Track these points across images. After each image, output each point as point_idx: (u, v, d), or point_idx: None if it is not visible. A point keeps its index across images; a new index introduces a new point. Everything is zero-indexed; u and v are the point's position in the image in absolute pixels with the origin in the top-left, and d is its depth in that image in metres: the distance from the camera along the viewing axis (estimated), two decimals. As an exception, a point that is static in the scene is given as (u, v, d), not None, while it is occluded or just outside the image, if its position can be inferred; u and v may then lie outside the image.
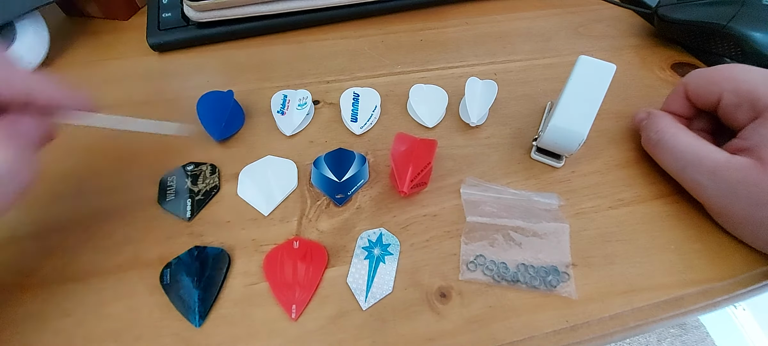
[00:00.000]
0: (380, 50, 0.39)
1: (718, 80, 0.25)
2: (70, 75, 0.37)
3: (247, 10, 0.38)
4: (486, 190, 0.27)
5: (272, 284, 0.23)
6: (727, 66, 0.25)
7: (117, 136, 0.31)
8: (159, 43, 0.38)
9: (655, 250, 0.24)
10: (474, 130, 0.31)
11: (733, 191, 0.22)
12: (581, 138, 0.25)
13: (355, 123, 0.31)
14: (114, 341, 0.21)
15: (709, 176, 0.23)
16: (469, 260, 0.24)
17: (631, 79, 0.35)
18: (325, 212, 0.26)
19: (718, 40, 0.33)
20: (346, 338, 0.21)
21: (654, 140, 0.26)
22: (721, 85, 0.24)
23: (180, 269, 0.23)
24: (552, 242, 0.24)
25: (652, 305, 0.22)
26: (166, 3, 0.41)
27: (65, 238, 0.25)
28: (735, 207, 0.22)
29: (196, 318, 0.22)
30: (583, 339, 0.21)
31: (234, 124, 0.31)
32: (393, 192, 0.27)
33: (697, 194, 0.24)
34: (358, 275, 0.23)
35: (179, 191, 0.27)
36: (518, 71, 0.36)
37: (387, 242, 0.25)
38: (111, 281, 0.23)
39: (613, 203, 0.27)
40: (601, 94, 0.25)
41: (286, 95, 0.33)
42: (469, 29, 0.41)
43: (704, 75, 0.26)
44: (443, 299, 0.22)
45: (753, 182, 0.21)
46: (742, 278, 0.23)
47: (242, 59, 0.38)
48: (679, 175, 0.25)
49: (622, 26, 0.41)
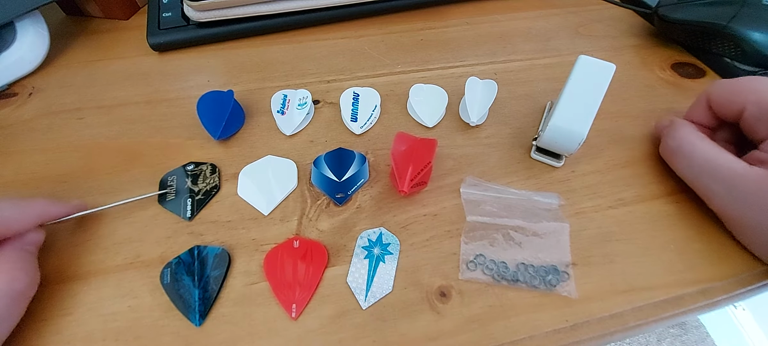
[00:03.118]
0: (380, 50, 0.39)
1: (741, 92, 0.24)
2: (70, 75, 0.37)
3: (247, 10, 0.38)
4: (486, 189, 0.27)
5: (272, 283, 0.23)
6: (751, 78, 0.25)
7: (117, 136, 0.31)
8: (159, 43, 0.38)
9: (655, 250, 0.24)
10: (474, 129, 0.31)
11: (748, 201, 0.22)
12: (581, 138, 0.25)
13: (355, 123, 0.31)
14: (114, 340, 0.21)
15: (725, 185, 0.23)
16: (469, 260, 0.24)
17: (631, 79, 0.35)
18: (325, 212, 0.26)
19: (718, 40, 0.33)
20: (346, 337, 0.21)
21: (672, 147, 0.26)
22: (744, 96, 0.24)
23: (180, 268, 0.23)
24: (552, 242, 0.24)
25: (652, 304, 0.22)
26: (166, 3, 0.41)
27: (65, 238, 0.25)
28: (749, 218, 0.22)
29: (197, 318, 0.22)
30: (583, 338, 0.21)
31: (234, 124, 0.31)
32: (393, 192, 0.27)
33: (712, 203, 0.24)
34: (358, 275, 0.23)
35: (179, 191, 0.27)
36: (518, 71, 0.36)
37: (387, 242, 0.25)
38: (111, 280, 0.23)
39: (613, 203, 0.27)
40: (601, 94, 0.25)
41: (286, 95, 0.33)
42: (470, 29, 0.41)
43: (728, 86, 0.25)
44: (443, 299, 0.23)
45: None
46: (742, 278, 0.23)
47: (242, 59, 0.38)
48: (694, 182, 0.25)
49: (622, 26, 0.41)
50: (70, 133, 0.32)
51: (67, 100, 0.34)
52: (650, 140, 0.30)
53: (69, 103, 0.34)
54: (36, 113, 0.33)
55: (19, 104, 0.34)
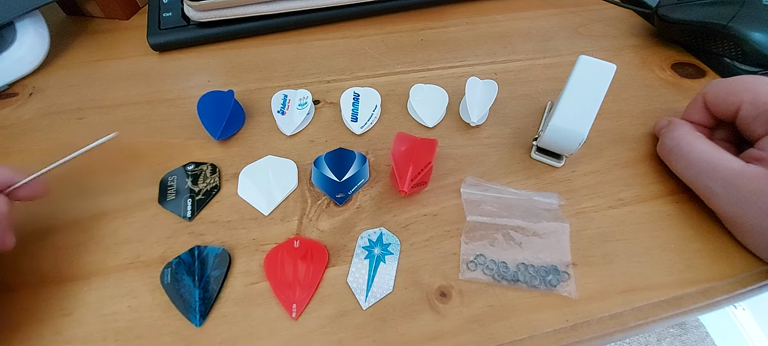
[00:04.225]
0: (381, 50, 0.39)
1: (737, 91, 0.25)
2: (70, 75, 0.37)
3: (247, 10, 0.38)
4: (486, 189, 0.27)
5: (273, 283, 0.23)
6: (746, 77, 0.25)
7: (117, 136, 0.31)
8: (159, 43, 0.38)
9: (655, 249, 0.24)
10: (474, 129, 0.31)
11: (745, 199, 0.22)
12: (581, 138, 0.25)
13: (355, 123, 0.31)
14: (114, 340, 0.21)
15: (723, 183, 0.23)
16: (469, 260, 0.24)
17: (631, 79, 0.35)
18: (325, 212, 0.26)
19: (718, 40, 0.33)
20: (346, 337, 0.21)
21: (669, 147, 0.26)
22: (740, 96, 0.24)
23: (180, 268, 0.23)
24: (552, 242, 0.24)
25: (651, 304, 0.22)
26: (167, 3, 0.41)
27: (65, 238, 0.25)
28: (747, 216, 0.22)
29: (197, 317, 0.22)
30: (583, 338, 0.21)
31: (234, 124, 0.31)
32: (393, 192, 0.27)
33: (710, 202, 0.24)
34: (358, 275, 0.23)
35: (180, 191, 0.27)
36: (518, 71, 0.36)
37: (387, 242, 0.25)
38: (111, 280, 0.23)
39: (613, 203, 0.27)
40: (602, 94, 0.25)
41: (286, 95, 0.33)
42: (470, 29, 0.41)
43: (723, 85, 0.26)
44: (443, 299, 0.23)
45: (766, 192, 0.21)
46: (742, 278, 0.23)
47: (242, 59, 0.38)
48: (692, 182, 0.25)
49: (622, 26, 0.41)
50: (70, 134, 0.32)
51: (67, 100, 0.34)
52: (650, 140, 0.30)
53: (69, 103, 0.34)
54: (36, 113, 0.33)
55: (19, 104, 0.34)
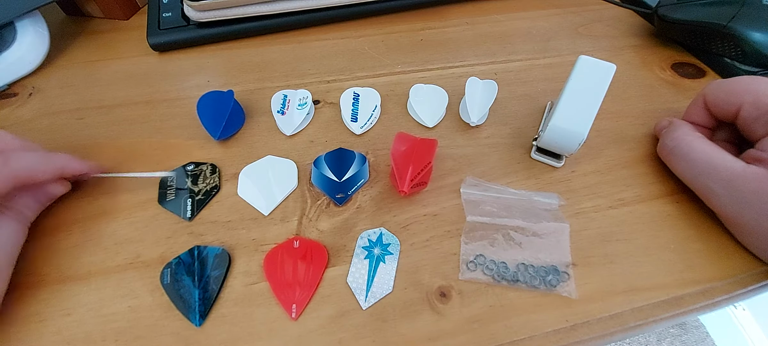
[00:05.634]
0: (380, 50, 0.39)
1: (738, 92, 0.24)
2: (70, 75, 0.37)
3: (247, 10, 0.38)
4: (486, 189, 0.27)
5: (272, 283, 0.23)
6: (747, 78, 0.25)
7: (117, 136, 0.31)
8: (159, 43, 0.38)
9: (655, 250, 0.24)
10: (474, 130, 0.31)
11: (746, 200, 0.22)
12: (581, 138, 0.25)
13: (355, 123, 0.31)
14: (114, 340, 0.21)
15: (723, 184, 0.23)
16: (469, 260, 0.24)
17: (631, 79, 0.35)
18: (325, 212, 0.26)
19: (718, 40, 0.33)
20: (346, 337, 0.21)
21: (669, 147, 0.26)
22: (741, 96, 0.24)
23: (180, 268, 0.23)
24: (552, 242, 0.24)
25: (651, 304, 0.22)
26: (166, 3, 0.41)
27: (65, 237, 0.25)
28: (747, 216, 0.22)
29: (197, 318, 0.22)
30: (583, 339, 0.21)
31: (234, 124, 0.31)
32: (393, 192, 0.27)
33: (710, 202, 0.24)
34: (358, 275, 0.23)
35: (180, 191, 0.27)
36: (518, 71, 0.36)
37: (387, 242, 0.25)
38: (111, 280, 0.23)
39: (613, 203, 0.27)
40: (601, 94, 0.25)
41: (286, 95, 0.33)
42: (470, 29, 0.41)
43: (723, 86, 0.26)
44: (443, 299, 0.23)
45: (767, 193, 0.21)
46: (742, 278, 0.23)
47: (242, 59, 0.38)
48: (692, 182, 0.25)
49: (622, 26, 0.41)
50: (70, 133, 0.32)
51: (67, 100, 0.34)
52: (650, 140, 0.30)
53: (69, 103, 0.34)
54: (36, 113, 0.33)
55: (19, 104, 0.34)
